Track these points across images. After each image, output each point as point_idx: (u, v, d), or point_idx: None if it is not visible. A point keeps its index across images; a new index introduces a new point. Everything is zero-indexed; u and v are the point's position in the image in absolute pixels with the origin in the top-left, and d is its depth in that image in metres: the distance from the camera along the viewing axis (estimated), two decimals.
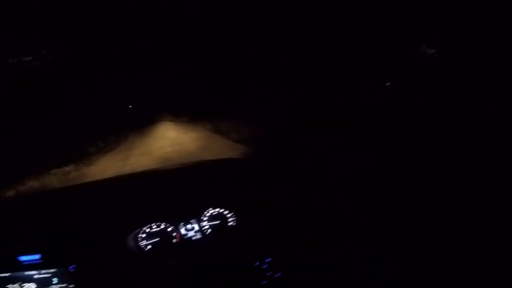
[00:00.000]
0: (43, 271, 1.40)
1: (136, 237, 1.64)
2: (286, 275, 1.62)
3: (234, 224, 1.81)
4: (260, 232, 1.71)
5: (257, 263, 1.60)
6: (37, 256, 1.40)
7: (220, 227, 1.78)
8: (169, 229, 1.70)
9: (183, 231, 1.74)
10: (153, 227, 1.66)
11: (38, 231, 1.49)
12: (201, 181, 1.80)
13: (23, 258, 1.40)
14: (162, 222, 1.67)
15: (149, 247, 1.67)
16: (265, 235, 1.70)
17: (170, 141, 5.50)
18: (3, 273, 1.38)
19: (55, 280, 1.41)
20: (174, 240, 1.72)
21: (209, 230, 1.78)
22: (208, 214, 1.77)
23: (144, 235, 1.64)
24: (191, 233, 1.76)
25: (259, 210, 1.73)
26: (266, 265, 1.61)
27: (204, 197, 1.73)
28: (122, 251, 1.51)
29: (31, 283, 1.40)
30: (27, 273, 1.39)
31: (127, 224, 1.57)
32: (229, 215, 1.80)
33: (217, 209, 1.79)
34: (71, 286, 1.42)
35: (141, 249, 1.62)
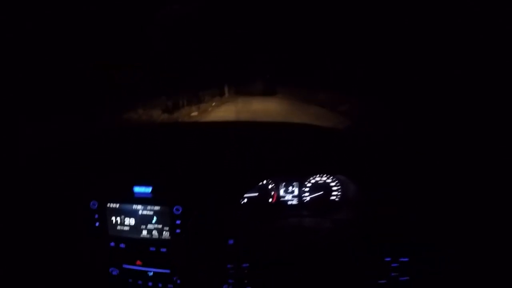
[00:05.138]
0: (148, 207, 1.41)
1: None
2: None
3: (337, 199, 1.59)
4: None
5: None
6: (149, 189, 1.40)
7: (320, 199, 1.60)
8: (269, 187, 1.58)
9: (281, 192, 1.60)
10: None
11: (155, 162, 1.50)
12: (310, 143, 1.56)
13: (137, 189, 1.41)
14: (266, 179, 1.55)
15: (245, 200, 1.58)
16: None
17: (261, 103, 5.58)
18: (115, 203, 1.42)
19: (154, 219, 1.42)
20: (270, 200, 1.61)
21: (307, 199, 1.61)
22: (312, 181, 1.59)
23: None
24: (288, 197, 1.62)
25: (369, 190, 1.44)
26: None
27: (310, 159, 1.50)
28: (224, 202, 1.41)
29: (132, 218, 1.43)
30: (134, 206, 1.41)
31: (239, 177, 1.45)
32: (334, 188, 1.59)
33: (323, 179, 1.58)
34: (166, 227, 1.40)
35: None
